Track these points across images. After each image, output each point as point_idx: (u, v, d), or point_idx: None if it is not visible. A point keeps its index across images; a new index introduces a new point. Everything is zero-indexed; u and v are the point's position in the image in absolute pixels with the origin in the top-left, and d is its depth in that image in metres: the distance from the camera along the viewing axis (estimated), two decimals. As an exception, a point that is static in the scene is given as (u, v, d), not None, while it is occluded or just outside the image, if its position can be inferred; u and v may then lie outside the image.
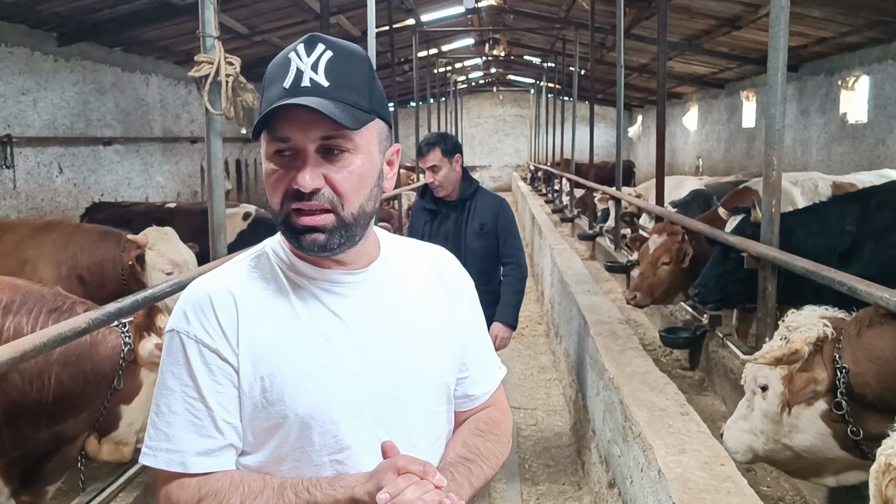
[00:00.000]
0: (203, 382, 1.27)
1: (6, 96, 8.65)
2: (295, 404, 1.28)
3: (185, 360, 1.28)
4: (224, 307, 1.29)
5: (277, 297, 1.32)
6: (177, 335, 1.30)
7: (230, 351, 1.28)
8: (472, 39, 22.40)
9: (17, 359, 2.36)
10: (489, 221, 4.04)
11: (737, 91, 17.73)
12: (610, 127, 29.20)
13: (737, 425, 2.91)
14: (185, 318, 1.30)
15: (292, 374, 1.28)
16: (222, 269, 1.38)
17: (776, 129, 4.08)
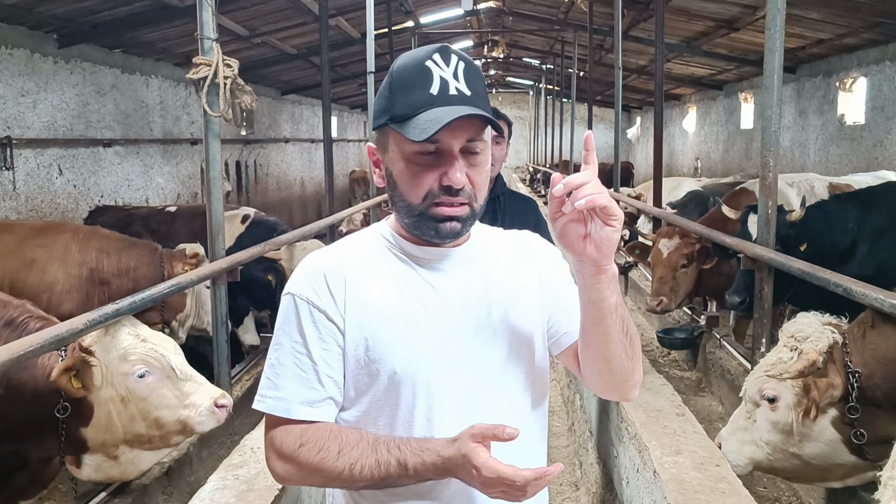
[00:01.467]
0: (311, 339, 1.43)
1: (6, 98, 8.66)
2: (393, 363, 1.43)
3: (296, 318, 1.45)
4: (335, 275, 1.46)
5: (383, 269, 1.48)
6: (291, 297, 1.46)
7: (337, 313, 1.44)
8: (471, 41, 22.41)
9: (13, 359, 2.38)
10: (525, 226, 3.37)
11: (735, 92, 17.74)
12: (608, 128, 29.15)
13: (735, 437, 2.88)
14: (299, 282, 1.47)
15: (393, 335, 1.43)
16: (334, 245, 1.58)
17: (772, 130, 4.09)
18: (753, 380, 2.83)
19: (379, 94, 1.45)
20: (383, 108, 1.42)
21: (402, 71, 1.40)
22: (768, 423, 2.76)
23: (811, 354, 2.70)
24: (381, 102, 1.43)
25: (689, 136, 21.89)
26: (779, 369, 2.72)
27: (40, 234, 5.34)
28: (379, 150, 1.48)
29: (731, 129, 18.12)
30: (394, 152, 1.43)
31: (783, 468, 2.87)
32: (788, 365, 2.71)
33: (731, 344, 5.24)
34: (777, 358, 2.76)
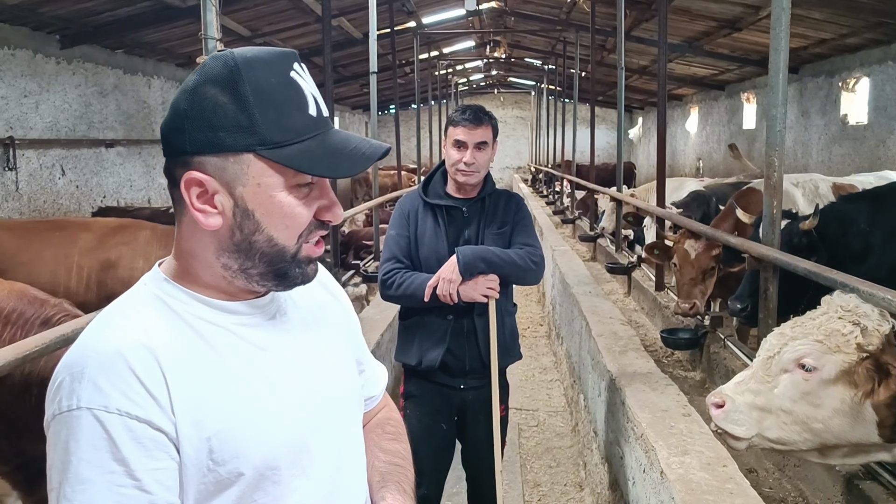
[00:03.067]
0: (137, 463, 1.03)
1: (8, 99, 8.67)
2: (251, 457, 1.13)
3: (107, 441, 1.02)
4: (145, 365, 1.06)
5: (196, 343, 1.13)
6: (88, 413, 1.02)
7: (164, 417, 1.06)
8: (472, 42, 22.43)
9: (20, 359, 2.37)
10: (507, 219, 3.22)
11: (737, 93, 17.74)
12: (611, 129, 29.22)
13: (743, 398, 2.67)
14: (97, 388, 1.03)
15: (242, 425, 1.13)
16: (106, 322, 1.13)
17: (777, 130, 4.08)
18: (795, 345, 2.63)
19: (214, 106, 1.10)
20: (235, 126, 1.10)
21: (262, 82, 1.11)
22: (797, 392, 2.59)
23: (878, 333, 2.55)
24: (230, 118, 1.10)
25: (691, 136, 21.89)
26: (837, 341, 2.57)
27: (120, 232, 5.38)
28: (218, 180, 1.12)
29: (733, 130, 18.12)
30: (261, 185, 1.13)
31: (790, 440, 2.73)
32: (850, 339, 2.56)
33: (735, 344, 5.23)
34: (833, 329, 2.59)
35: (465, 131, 3.06)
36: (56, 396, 1.06)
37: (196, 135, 1.10)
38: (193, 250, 1.17)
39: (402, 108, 23.39)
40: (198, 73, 1.12)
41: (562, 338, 6.94)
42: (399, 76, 16.27)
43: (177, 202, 1.16)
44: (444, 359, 3.13)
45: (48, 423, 1.07)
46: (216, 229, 1.14)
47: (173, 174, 1.14)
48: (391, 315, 5.43)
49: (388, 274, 3.10)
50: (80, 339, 1.12)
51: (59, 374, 1.07)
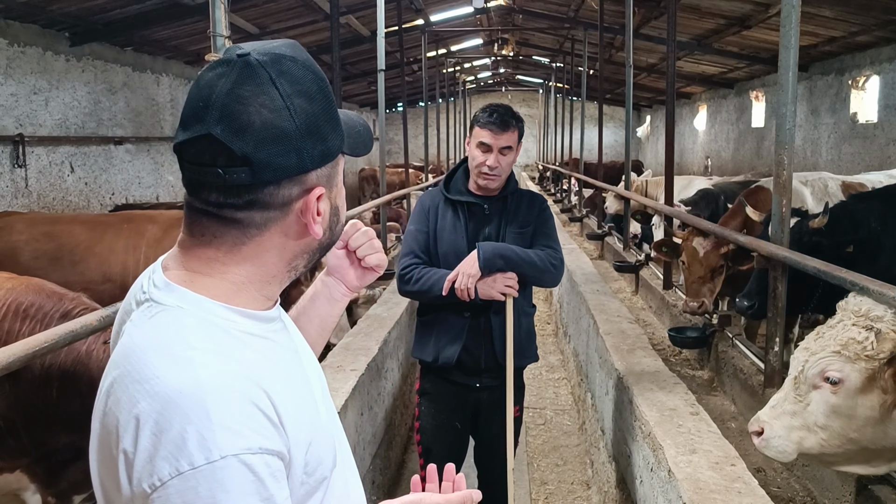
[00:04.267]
0: (278, 497, 0.99)
1: (18, 96, 8.70)
2: (329, 460, 1.16)
3: (255, 483, 0.97)
4: (259, 396, 1.01)
5: (265, 361, 1.08)
6: (234, 460, 0.95)
7: (285, 444, 1.03)
8: (480, 39, 22.40)
9: (28, 356, 2.37)
10: (529, 219, 3.20)
11: (746, 91, 17.68)
12: (618, 127, 29.17)
13: (780, 422, 2.67)
14: (233, 431, 0.96)
15: (318, 432, 1.13)
16: (204, 354, 1.02)
17: (787, 128, 4.07)
18: (816, 360, 2.61)
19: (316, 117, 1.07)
20: (333, 132, 1.10)
21: (323, 79, 1.11)
22: (828, 406, 2.58)
23: (893, 335, 2.52)
24: (329, 125, 1.09)
25: (700, 134, 21.83)
26: (854, 349, 2.54)
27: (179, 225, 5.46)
28: (328, 188, 1.13)
29: (742, 128, 18.06)
30: (339, 181, 1.17)
31: (833, 454, 2.67)
32: (866, 345, 2.53)
33: (743, 343, 5.21)
34: (849, 338, 2.57)
35: (491, 135, 3.04)
36: (179, 451, 0.93)
37: (313, 151, 1.07)
38: (264, 264, 1.12)
39: (409, 105, 23.38)
40: (276, 84, 1.04)
41: (569, 336, 6.93)
42: (407, 74, 16.26)
43: (254, 224, 1.08)
44: (459, 356, 3.13)
45: (163, 483, 0.93)
46: (318, 237, 1.13)
47: (272, 197, 1.06)
48: (398, 312, 5.43)
49: (406, 269, 3.11)
50: (158, 380, 0.98)
51: (166, 426, 0.94)
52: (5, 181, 8.43)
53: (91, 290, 5.08)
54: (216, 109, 1.03)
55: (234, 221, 1.07)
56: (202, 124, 1.03)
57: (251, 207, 1.06)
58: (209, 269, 1.10)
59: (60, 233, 5.50)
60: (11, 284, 3.14)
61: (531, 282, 3.18)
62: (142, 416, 0.96)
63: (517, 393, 3.24)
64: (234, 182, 1.03)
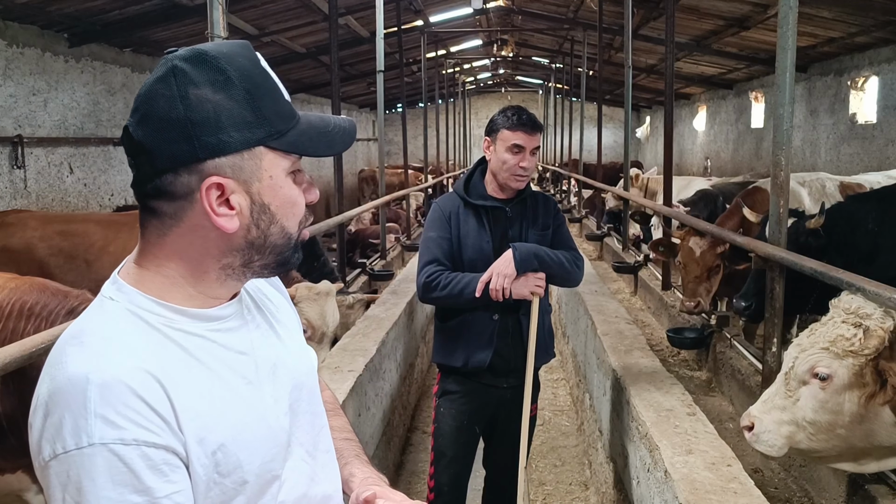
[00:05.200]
0: (159, 489, 1.01)
1: (17, 97, 8.70)
2: (252, 464, 1.14)
3: (127, 474, 0.99)
4: (152, 391, 1.03)
5: (182, 357, 1.10)
6: (102, 449, 0.97)
7: (176, 439, 1.04)
8: (480, 40, 22.41)
9: (25, 357, 2.38)
10: (548, 221, 3.25)
11: (745, 91, 17.69)
12: (618, 128, 29.18)
13: (771, 416, 2.71)
14: (107, 421, 0.98)
15: (241, 435, 1.13)
16: (94, 346, 1.05)
17: (784, 129, 4.07)
18: (806, 356, 2.65)
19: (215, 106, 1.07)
20: (242, 122, 1.09)
21: (247, 73, 1.11)
22: (816, 402, 2.61)
23: (880, 332, 2.54)
24: (235, 115, 1.09)
25: (699, 135, 21.84)
26: (842, 346, 2.57)
27: None
28: (235, 180, 1.10)
29: (741, 129, 18.07)
30: (273, 176, 1.13)
31: (822, 449, 2.71)
32: (854, 342, 2.56)
33: (741, 344, 5.22)
34: (838, 335, 2.60)
35: (525, 137, 3.08)
36: (57, 434, 0.99)
37: (206, 139, 1.07)
38: (189, 258, 1.13)
39: (409, 106, 23.40)
40: (176, 77, 1.08)
41: (567, 336, 6.93)
42: (406, 75, 16.27)
43: (167, 214, 1.11)
44: (491, 360, 3.14)
45: (45, 462, 1.00)
46: (234, 231, 1.11)
47: (172, 186, 1.08)
48: (397, 313, 5.43)
49: (431, 276, 3.08)
50: (60, 367, 1.03)
51: (51, 410, 1.00)
52: (4, 182, 8.43)
53: None
54: (135, 105, 1.10)
55: (152, 211, 1.12)
56: (128, 121, 1.10)
57: (159, 196, 1.09)
58: (147, 262, 1.14)
59: (76, 231, 5.54)
60: (15, 284, 3.14)
61: (557, 282, 3.20)
62: (39, 398, 1.03)
63: (534, 391, 3.27)
64: (141, 170, 1.09)
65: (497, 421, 3.30)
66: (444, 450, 3.24)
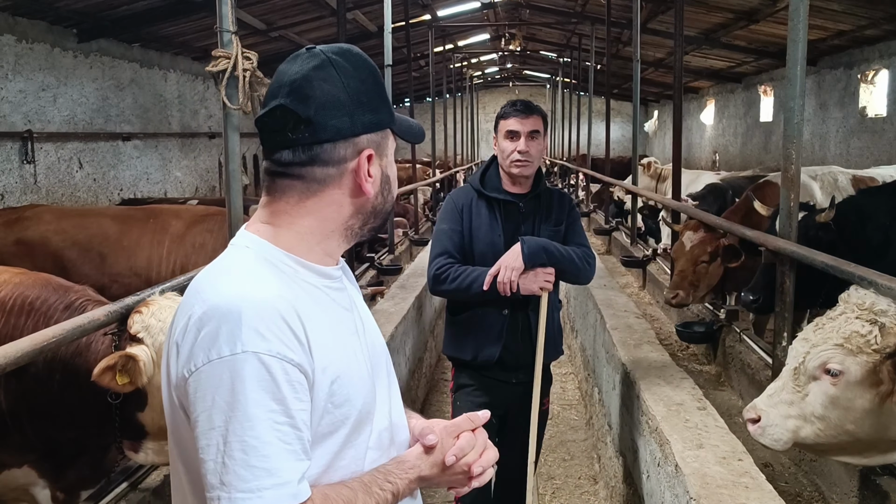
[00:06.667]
0: (291, 403, 1.17)
1: (27, 92, 8.73)
2: (357, 402, 1.31)
3: (270, 382, 1.15)
4: (292, 317, 1.21)
5: (308, 301, 1.28)
6: (253, 356, 1.15)
7: (308, 362, 1.21)
8: (487, 35, 22.37)
9: (36, 350, 2.38)
10: (562, 217, 3.25)
11: (754, 85, 17.61)
12: (626, 122, 29.08)
13: (777, 410, 2.68)
14: (259, 334, 1.16)
15: (351, 372, 1.30)
16: (243, 276, 1.25)
17: (795, 122, 4.04)
18: (818, 352, 2.61)
19: (369, 92, 1.33)
20: (382, 107, 1.36)
21: (375, 68, 1.38)
22: (826, 398, 2.58)
23: None
24: (379, 101, 1.35)
25: (707, 129, 21.75)
26: (857, 343, 2.53)
27: (205, 220, 5.55)
28: (378, 155, 1.36)
29: (750, 123, 17.99)
30: (390, 155, 1.41)
31: (828, 444, 2.69)
32: (870, 339, 2.52)
33: (751, 338, 5.20)
34: (852, 331, 2.57)
35: (518, 121, 3.11)
36: (212, 343, 1.16)
37: (364, 118, 1.31)
38: (323, 217, 1.33)
39: (416, 101, 23.39)
40: (335, 67, 1.30)
41: (576, 331, 6.92)
42: (414, 69, 16.27)
43: (315, 179, 1.31)
44: (500, 354, 3.13)
45: (197, 369, 1.16)
46: (370, 196, 1.35)
47: (328, 154, 1.30)
48: (405, 308, 5.43)
49: (441, 268, 3.08)
50: (212, 292, 1.22)
51: (206, 323, 1.17)
52: (14, 177, 8.46)
53: (119, 283, 5.17)
54: (287, 86, 1.29)
55: (299, 177, 1.31)
56: (276, 99, 1.29)
57: (313, 163, 1.30)
58: (279, 220, 1.33)
59: (90, 225, 5.58)
60: (19, 279, 3.14)
61: (568, 279, 3.20)
62: (193, 317, 1.20)
63: (546, 386, 3.27)
64: (299, 141, 1.28)
65: (508, 416, 3.30)
66: None
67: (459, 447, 1.37)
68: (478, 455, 1.40)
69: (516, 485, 3.17)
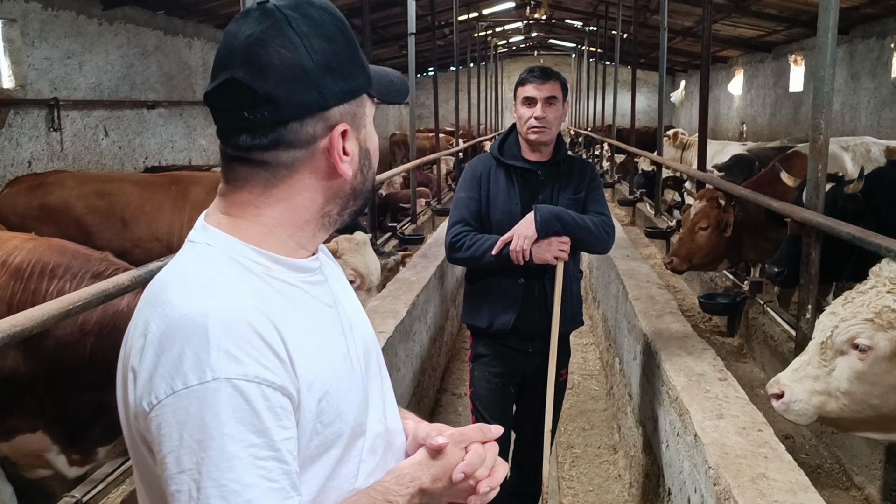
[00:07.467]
0: (275, 433, 0.99)
1: (52, 59, 8.78)
2: (349, 416, 1.14)
3: (249, 412, 0.96)
4: (268, 330, 1.02)
5: (286, 305, 1.09)
6: (226, 384, 0.95)
7: (291, 382, 1.03)
8: (513, 2, 22.07)
9: (63, 314, 2.41)
10: (582, 185, 3.18)
11: (784, 55, 17.27)
12: (652, 92, 28.70)
13: (802, 385, 2.65)
14: (232, 356, 0.97)
15: (340, 385, 1.12)
16: (205, 285, 1.04)
17: (825, 91, 3.97)
18: (846, 326, 2.58)
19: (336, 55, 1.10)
20: (357, 70, 1.13)
21: (343, 22, 1.14)
22: (853, 373, 2.55)
23: None
24: (351, 64, 1.12)
25: (735, 99, 21.42)
26: (888, 318, 2.49)
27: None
28: (353, 128, 1.14)
29: (779, 93, 17.67)
30: (369, 123, 1.18)
31: (853, 419, 2.66)
32: None
33: (774, 310, 5.16)
34: (883, 306, 2.53)
35: (534, 87, 3.06)
36: (175, 369, 0.96)
37: (334, 87, 1.09)
38: (294, 206, 1.14)
39: (440, 70, 23.19)
40: (293, 25, 1.07)
41: (598, 301, 6.91)
42: (438, 38, 16.12)
43: (282, 164, 1.10)
44: (515, 322, 3.13)
45: (159, 401, 0.96)
46: (347, 177, 1.14)
47: (295, 135, 1.08)
48: (427, 276, 5.45)
49: (457, 236, 3.08)
50: (170, 306, 1.01)
51: (166, 346, 0.97)
52: (41, 144, 8.54)
53: (141, 248, 5.25)
54: (238, 55, 1.06)
55: (262, 163, 1.10)
56: (227, 70, 1.07)
57: (277, 147, 1.09)
58: (243, 211, 1.13)
59: (112, 191, 5.65)
60: (33, 245, 3.17)
61: (584, 248, 3.17)
62: (149, 337, 0.99)
63: (564, 357, 3.27)
64: (258, 122, 1.06)
65: (525, 385, 3.31)
66: (484, 413, 3.26)
67: (469, 462, 1.20)
68: (487, 472, 1.22)
69: (534, 452, 3.19)
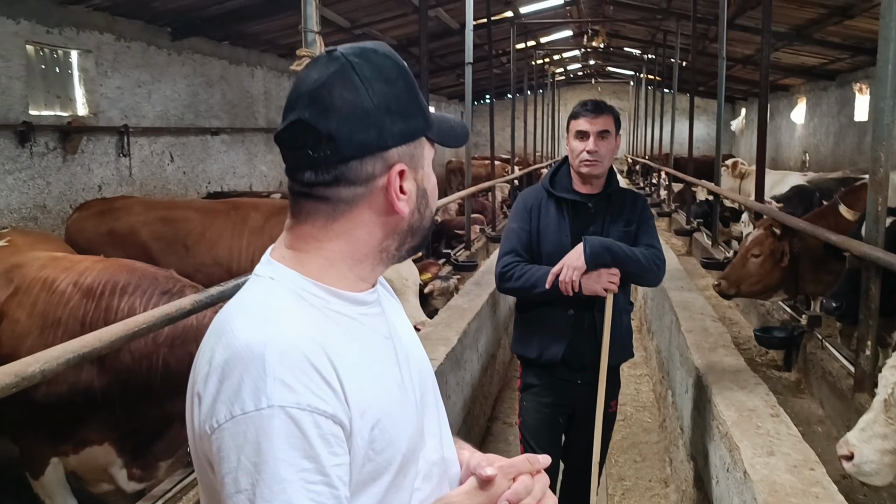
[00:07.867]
0: (325, 459, 1.04)
1: (124, 89, 9.15)
2: (401, 444, 1.17)
3: (301, 439, 1.02)
4: (321, 361, 1.07)
5: (342, 336, 1.15)
6: (280, 411, 1.02)
7: (343, 411, 1.07)
8: (570, 31, 22.16)
9: (129, 336, 2.53)
10: (633, 218, 3.18)
11: (849, 83, 16.91)
12: (711, 120, 28.34)
13: (871, 445, 2.61)
14: (286, 385, 1.03)
15: (393, 413, 1.16)
16: (265, 316, 1.11)
17: (885, 123, 3.91)
18: None
19: (397, 98, 1.17)
20: (415, 113, 1.19)
21: (404, 68, 1.20)
22: None
23: None
24: (411, 106, 1.18)
25: (797, 128, 21.01)
26: None
27: (284, 212, 5.82)
28: (409, 167, 1.19)
29: (844, 122, 17.28)
30: (427, 165, 1.24)
31: None
32: None
33: (833, 345, 5.04)
34: None
35: (587, 121, 3.08)
36: (235, 396, 1.03)
37: (393, 128, 1.15)
38: (354, 240, 1.20)
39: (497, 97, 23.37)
40: (356, 70, 1.14)
41: (652, 332, 6.84)
42: (495, 66, 16.27)
43: (342, 200, 1.17)
44: (564, 353, 3.14)
45: (220, 425, 1.03)
46: (404, 215, 1.20)
47: (355, 173, 1.15)
48: (479, 304, 5.48)
49: (507, 266, 3.12)
50: (233, 335, 1.08)
51: (228, 374, 1.05)
52: (111, 170, 8.89)
53: (202, 273, 5.43)
54: (305, 97, 1.14)
55: (325, 199, 1.17)
56: (294, 112, 1.14)
57: (339, 183, 1.15)
58: (305, 245, 1.20)
59: (177, 217, 5.86)
60: (103, 265, 3.34)
61: (634, 280, 3.17)
62: (213, 364, 1.07)
63: (613, 389, 3.27)
64: (322, 160, 1.13)
65: (574, 416, 3.31)
66: (532, 443, 3.27)
67: (514, 491, 1.20)
68: (535, 502, 1.22)
69: (582, 484, 3.18)
